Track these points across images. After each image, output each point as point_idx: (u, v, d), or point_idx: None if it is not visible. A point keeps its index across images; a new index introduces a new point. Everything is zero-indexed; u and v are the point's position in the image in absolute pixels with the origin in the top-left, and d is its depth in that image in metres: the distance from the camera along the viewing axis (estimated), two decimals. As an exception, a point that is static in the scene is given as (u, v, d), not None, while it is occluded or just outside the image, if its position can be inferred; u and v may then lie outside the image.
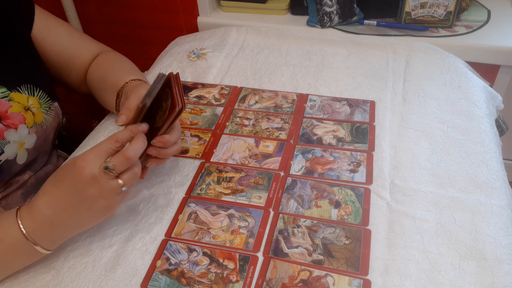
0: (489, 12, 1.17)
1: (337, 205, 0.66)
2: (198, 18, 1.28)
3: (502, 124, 0.97)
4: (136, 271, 0.60)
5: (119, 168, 0.55)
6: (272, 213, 0.66)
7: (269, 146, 0.78)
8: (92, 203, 0.56)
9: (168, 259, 0.61)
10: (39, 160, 0.79)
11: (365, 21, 1.16)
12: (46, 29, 0.81)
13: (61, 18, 0.86)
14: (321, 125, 0.81)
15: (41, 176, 0.79)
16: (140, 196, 0.71)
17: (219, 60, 1.01)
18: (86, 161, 0.54)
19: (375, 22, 1.15)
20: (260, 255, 0.61)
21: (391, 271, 0.58)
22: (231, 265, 0.59)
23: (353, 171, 0.72)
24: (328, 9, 1.13)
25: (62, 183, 0.56)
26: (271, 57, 1.01)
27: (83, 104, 1.26)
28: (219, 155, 0.77)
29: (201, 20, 1.28)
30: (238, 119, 0.84)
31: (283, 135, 0.80)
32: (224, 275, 0.58)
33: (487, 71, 1.09)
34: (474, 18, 1.15)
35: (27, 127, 0.72)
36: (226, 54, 1.03)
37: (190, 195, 0.70)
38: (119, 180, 0.56)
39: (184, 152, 0.78)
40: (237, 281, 0.58)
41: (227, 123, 0.83)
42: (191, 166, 0.75)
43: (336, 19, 1.15)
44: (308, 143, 0.78)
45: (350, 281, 0.57)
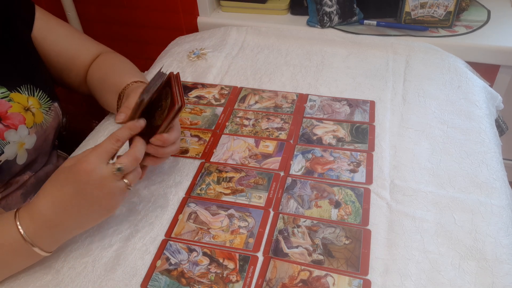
0: (489, 12, 1.17)
1: (337, 205, 0.66)
2: (198, 18, 1.28)
3: (502, 124, 0.97)
4: (136, 271, 0.60)
5: (129, 168, 0.57)
6: (272, 213, 0.66)
7: (269, 146, 0.78)
8: (95, 203, 0.56)
9: (168, 259, 0.61)
10: (39, 160, 0.79)
11: (365, 21, 1.16)
12: (46, 29, 0.81)
13: (61, 18, 0.86)
14: (321, 125, 0.81)
15: (41, 176, 0.79)
16: (140, 196, 0.71)
17: (219, 60, 1.01)
18: (91, 163, 0.54)
19: (375, 22, 1.15)
20: (260, 255, 0.61)
21: (391, 271, 0.58)
22: (231, 265, 0.59)
23: (353, 171, 0.72)
24: (328, 9, 1.13)
25: (64, 184, 0.56)
26: (271, 57, 1.01)
27: (83, 104, 1.26)
28: (219, 155, 0.77)
29: (201, 20, 1.28)
30: (238, 119, 0.84)
31: (283, 135, 0.80)
32: (224, 275, 0.58)
33: (487, 71, 1.09)
34: (474, 18, 1.15)
35: (27, 127, 0.72)
36: (226, 54, 1.03)
37: (190, 195, 0.70)
38: (125, 180, 0.57)
39: (184, 152, 0.78)
40: (237, 281, 0.58)
41: (227, 123, 0.83)
42: (191, 166, 0.75)
43: (336, 19, 1.15)
44: (308, 143, 0.78)
45: (350, 281, 0.57)
